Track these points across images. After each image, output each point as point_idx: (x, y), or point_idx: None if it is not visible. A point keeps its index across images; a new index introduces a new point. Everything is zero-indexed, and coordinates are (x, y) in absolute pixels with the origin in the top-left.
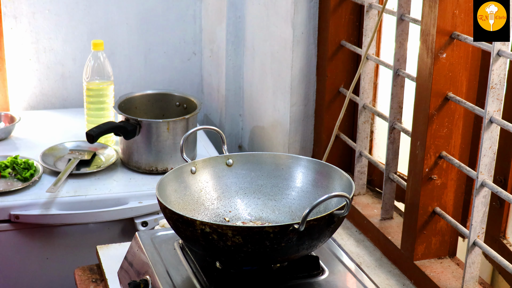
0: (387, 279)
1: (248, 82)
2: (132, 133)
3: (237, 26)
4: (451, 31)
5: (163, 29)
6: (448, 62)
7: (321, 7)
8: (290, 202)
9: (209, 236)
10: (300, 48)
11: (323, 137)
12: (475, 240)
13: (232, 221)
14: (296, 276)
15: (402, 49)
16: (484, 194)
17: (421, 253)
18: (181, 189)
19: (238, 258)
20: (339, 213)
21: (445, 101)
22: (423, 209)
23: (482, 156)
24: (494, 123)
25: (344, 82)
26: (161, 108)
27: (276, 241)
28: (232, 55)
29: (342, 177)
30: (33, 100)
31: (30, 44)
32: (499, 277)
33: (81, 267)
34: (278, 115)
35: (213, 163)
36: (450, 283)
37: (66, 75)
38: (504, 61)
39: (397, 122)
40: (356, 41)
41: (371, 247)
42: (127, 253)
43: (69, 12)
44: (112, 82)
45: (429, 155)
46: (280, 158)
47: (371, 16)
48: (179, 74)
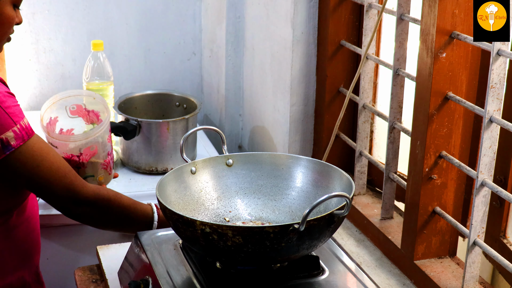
0: (387, 279)
1: (248, 82)
2: (132, 133)
3: (237, 26)
4: (451, 30)
5: (163, 29)
6: (448, 61)
7: (321, 7)
8: (290, 202)
9: (209, 236)
10: (300, 48)
11: (323, 137)
12: (475, 239)
13: (232, 221)
14: (296, 276)
15: (402, 49)
16: (484, 193)
17: (421, 253)
18: (181, 189)
19: (238, 258)
20: (339, 213)
21: (445, 100)
22: (423, 209)
23: (482, 155)
24: (494, 123)
25: (344, 82)
26: (161, 108)
27: (276, 241)
28: (232, 55)
29: (342, 177)
30: (33, 101)
31: (30, 44)
32: (499, 277)
33: (81, 267)
34: (278, 115)
35: (213, 163)
36: (450, 282)
37: (66, 76)
38: (504, 61)
39: (397, 121)
40: (356, 40)
41: (371, 247)
42: (127, 253)
43: (69, 13)
44: (112, 82)
45: (429, 155)
46: (280, 158)
47: (371, 15)
48: (179, 74)
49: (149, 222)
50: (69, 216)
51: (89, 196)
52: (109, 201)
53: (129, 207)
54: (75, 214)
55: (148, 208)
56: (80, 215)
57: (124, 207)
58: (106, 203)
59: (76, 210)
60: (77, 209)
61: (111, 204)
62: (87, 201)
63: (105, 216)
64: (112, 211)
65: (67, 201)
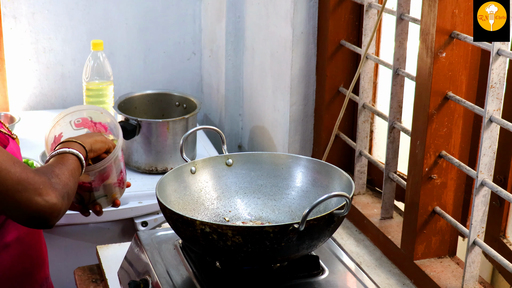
0: (387, 279)
1: (248, 82)
2: (132, 133)
3: (236, 26)
4: (451, 30)
5: (163, 29)
6: (448, 61)
7: (321, 7)
8: (290, 201)
9: (209, 236)
10: (299, 47)
11: (322, 136)
12: (475, 239)
13: (232, 221)
14: (296, 276)
15: (401, 49)
16: (484, 193)
17: (421, 253)
18: (181, 189)
19: (238, 258)
20: (339, 213)
21: (445, 100)
22: (423, 209)
23: (482, 155)
24: (494, 122)
25: (344, 82)
26: (161, 108)
27: (276, 240)
28: (231, 55)
29: (342, 176)
30: (32, 100)
31: (30, 44)
32: (499, 276)
33: (81, 267)
34: (278, 115)
35: (213, 163)
36: (450, 282)
37: (65, 75)
38: (504, 60)
39: (397, 121)
40: (356, 40)
41: (371, 246)
42: (127, 253)
43: (69, 12)
44: (111, 82)
45: (429, 155)
46: (280, 158)
47: (371, 15)
48: (178, 74)
49: (79, 160)
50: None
51: (55, 203)
52: (54, 171)
53: (62, 163)
54: (51, 223)
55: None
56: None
57: (62, 167)
58: (55, 175)
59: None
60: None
61: (56, 171)
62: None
63: (67, 185)
64: (64, 176)
65: (36, 220)
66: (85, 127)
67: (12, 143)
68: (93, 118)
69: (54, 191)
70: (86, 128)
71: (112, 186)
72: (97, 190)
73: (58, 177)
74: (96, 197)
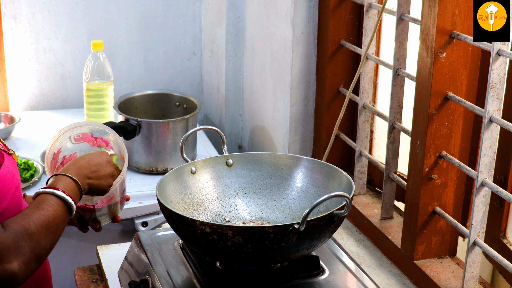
0: (387, 279)
1: (248, 82)
2: (132, 133)
3: (237, 26)
4: (451, 30)
5: (163, 29)
6: (448, 61)
7: (321, 7)
8: (290, 202)
9: (209, 236)
10: (300, 48)
11: (323, 137)
12: (475, 239)
13: (232, 221)
14: (296, 276)
15: (401, 49)
16: (484, 193)
17: (421, 253)
18: (181, 189)
19: (238, 258)
20: (339, 213)
21: (445, 100)
22: (423, 209)
23: (482, 155)
24: (494, 123)
25: (344, 82)
26: (161, 108)
27: (276, 241)
28: (232, 55)
29: (342, 177)
30: (33, 101)
31: (30, 44)
32: (499, 277)
33: (81, 267)
34: (278, 115)
35: (213, 163)
36: (450, 282)
37: (66, 76)
38: (504, 61)
39: (397, 121)
40: (356, 40)
41: (371, 247)
42: (127, 253)
43: (69, 13)
44: (112, 82)
45: (429, 155)
46: (280, 158)
47: (371, 15)
48: (179, 74)
49: (65, 206)
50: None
51: (10, 244)
52: (27, 229)
53: (41, 215)
54: (20, 277)
55: (49, 197)
56: (22, 271)
57: (39, 220)
58: (26, 235)
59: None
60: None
61: (30, 229)
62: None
63: (39, 246)
64: (39, 235)
65: None
66: (84, 141)
67: (8, 159)
68: (94, 133)
69: (18, 258)
70: (85, 142)
71: (114, 205)
72: (99, 210)
73: (30, 237)
74: (98, 216)
